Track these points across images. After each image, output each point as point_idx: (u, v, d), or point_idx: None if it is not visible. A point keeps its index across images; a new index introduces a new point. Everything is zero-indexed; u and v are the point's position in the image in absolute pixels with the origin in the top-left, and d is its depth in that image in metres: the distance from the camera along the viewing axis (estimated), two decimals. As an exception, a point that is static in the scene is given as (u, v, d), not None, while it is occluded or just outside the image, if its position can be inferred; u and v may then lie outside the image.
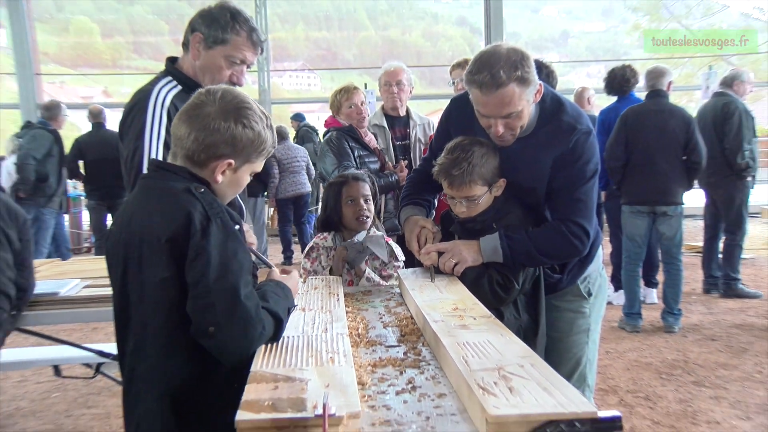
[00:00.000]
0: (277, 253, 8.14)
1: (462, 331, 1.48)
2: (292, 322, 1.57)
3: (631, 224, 4.83)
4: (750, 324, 4.85)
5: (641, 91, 5.16)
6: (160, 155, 1.92)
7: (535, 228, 2.06)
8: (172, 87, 2.07)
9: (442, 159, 2.07)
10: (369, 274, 2.39)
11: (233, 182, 1.51)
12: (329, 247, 2.51)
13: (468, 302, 1.75)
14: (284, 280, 1.58)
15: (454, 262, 2.03)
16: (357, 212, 2.49)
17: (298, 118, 9.33)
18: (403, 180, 3.38)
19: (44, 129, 6.25)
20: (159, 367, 1.38)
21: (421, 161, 2.50)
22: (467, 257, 2.02)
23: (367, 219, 2.51)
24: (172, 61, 2.19)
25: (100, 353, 3.04)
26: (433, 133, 2.90)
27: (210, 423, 1.37)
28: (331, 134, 3.57)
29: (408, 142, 3.73)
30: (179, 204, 1.36)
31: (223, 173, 1.46)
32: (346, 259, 2.41)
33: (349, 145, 3.47)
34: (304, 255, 2.56)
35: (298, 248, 8.12)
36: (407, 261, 2.55)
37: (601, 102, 6.47)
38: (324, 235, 2.56)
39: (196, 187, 1.40)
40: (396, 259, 2.51)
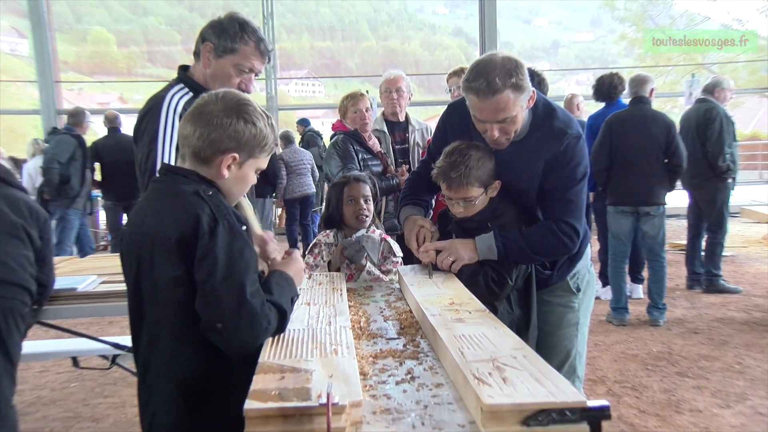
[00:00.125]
0: (283, 250, 8.13)
1: (458, 324, 1.47)
2: (298, 316, 1.57)
3: (615, 223, 4.82)
4: (730, 318, 4.85)
5: (628, 98, 5.16)
6: (173, 158, 1.91)
7: (528, 227, 2.05)
8: (183, 94, 2.07)
9: (440, 162, 2.06)
10: (369, 267, 2.39)
11: (239, 178, 1.49)
12: (331, 244, 2.53)
13: (464, 297, 1.75)
14: (287, 267, 1.57)
15: (451, 259, 2.02)
16: (357, 211, 2.50)
17: (304, 123, 9.33)
18: (403, 183, 3.37)
19: (69, 134, 6.27)
20: (171, 359, 1.38)
21: (419, 164, 2.49)
22: (464, 255, 2.02)
23: (366, 218, 2.52)
24: (184, 69, 2.19)
25: (116, 345, 3.04)
26: (430, 137, 2.90)
27: (220, 412, 1.37)
28: (337, 138, 3.57)
29: (407, 145, 3.72)
30: (188, 206, 1.35)
31: (229, 168, 1.45)
32: (345, 255, 2.41)
33: (353, 149, 3.47)
34: (308, 251, 2.57)
35: (302, 246, 8.11)
36: (407, 258, 2.55)
37: (589, 108, 6.46)
38: (326, 232, 2.58)
39: (204, 189, 1.39)
40: (394, 255, 2.51)
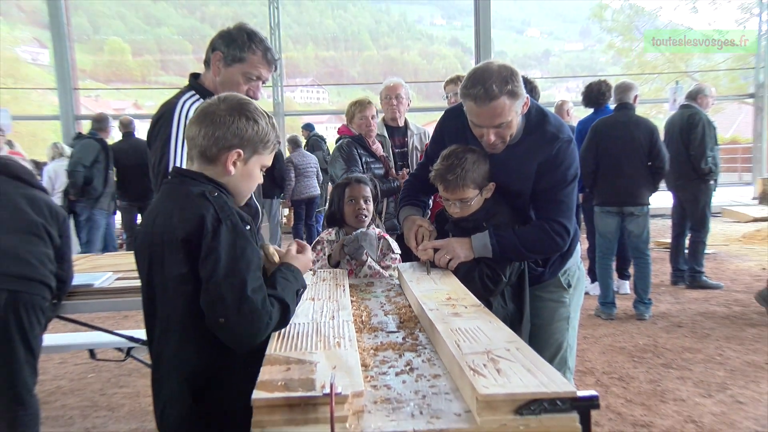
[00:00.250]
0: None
1: (455, 318, 1.47)
2: (303, 311, 1.56)
3: (602, 223, 4.82)
4: (712, 312, 4.84)
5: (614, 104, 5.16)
6: (185, 161, 1.91)
7: (522, 226, 2.05)
8: (195, 100, 2.06)
9: (438, 165, 2.06)
10: (370, 262, 2.39)
11: (245, 175, 1.48)
12: (332, 241, 2.53)
13: (460, 293, 1.74)
14: (296, 260, 1.55)
15: (448, 257, 2.02)
16: (356, 211, 2.51)
17: (309, 128, 9.33)
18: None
19: (93, 138, 6.28)
20: (180, 353, 1.38)
21: (417, 166, 2.49)
22: (460, 253, 2.02)
23: (365, 218, 2.52)
24: (195, 76, 2.18)
25: (131, 338, 3.03)
26: (428, 141, 2.89)
27: (226, 404, 1.37)
28: (343, 142, 3.58)
29: (406, 149, 3.72)
30: (194, 207, 1.35)
31: (234, 165, 1.45)
32: (346, 251, 2.41)
33: (357, 152, 3.49)
34: (311, 248, 2.57)
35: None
36: (406, 256, 2.55)
37: (579, 113, 6.46)
38: (329, 230, 2.60)
39: (210, 191, 1.39)
40: (393, 252, 2.51)
